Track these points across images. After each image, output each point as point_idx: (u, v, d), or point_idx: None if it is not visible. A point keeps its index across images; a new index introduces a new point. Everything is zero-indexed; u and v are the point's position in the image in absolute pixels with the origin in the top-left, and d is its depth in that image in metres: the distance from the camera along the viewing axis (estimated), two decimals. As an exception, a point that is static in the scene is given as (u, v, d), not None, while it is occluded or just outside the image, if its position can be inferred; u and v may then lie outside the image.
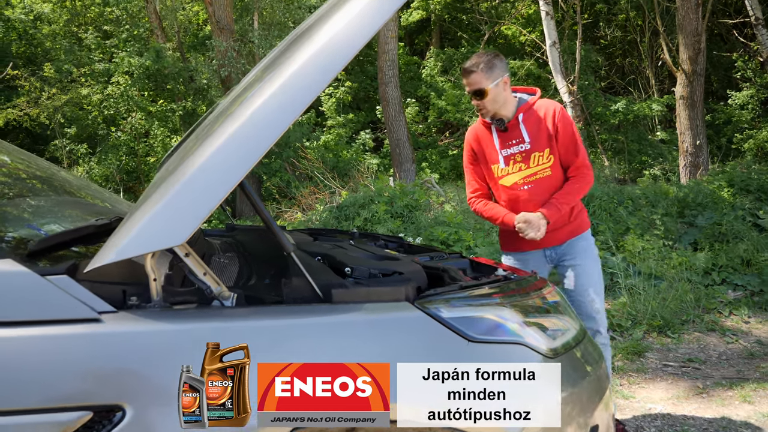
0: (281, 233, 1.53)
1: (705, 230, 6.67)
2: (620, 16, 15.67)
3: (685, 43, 10.06)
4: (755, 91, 13.81)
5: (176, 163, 1.61)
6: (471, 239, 6.43)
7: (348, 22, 1.45)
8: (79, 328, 1.34)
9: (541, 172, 2.78)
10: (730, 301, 5.24)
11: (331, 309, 1.48)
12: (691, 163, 10.19)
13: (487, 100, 2.73)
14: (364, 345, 1.43)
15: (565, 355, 1.63)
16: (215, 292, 1.49)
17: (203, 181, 1.36)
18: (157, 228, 1.34)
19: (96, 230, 1.88)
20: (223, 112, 1.64)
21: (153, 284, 1.45)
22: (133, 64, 12.38)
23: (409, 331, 1.48)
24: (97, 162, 12.83)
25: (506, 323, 1.57)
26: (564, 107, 2.82)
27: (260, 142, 1.37)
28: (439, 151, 14.37)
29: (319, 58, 1.42)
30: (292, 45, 1.68)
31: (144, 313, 1.40)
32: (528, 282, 1.85)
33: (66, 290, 1.36)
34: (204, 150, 1.39)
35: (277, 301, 1.58)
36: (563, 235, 2.85)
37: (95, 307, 1.36)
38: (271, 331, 1.42)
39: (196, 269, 1.47)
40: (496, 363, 1.47)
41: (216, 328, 1.39)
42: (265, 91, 1.40)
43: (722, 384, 3.80)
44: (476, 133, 2.92)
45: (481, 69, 2.71)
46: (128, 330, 1.37)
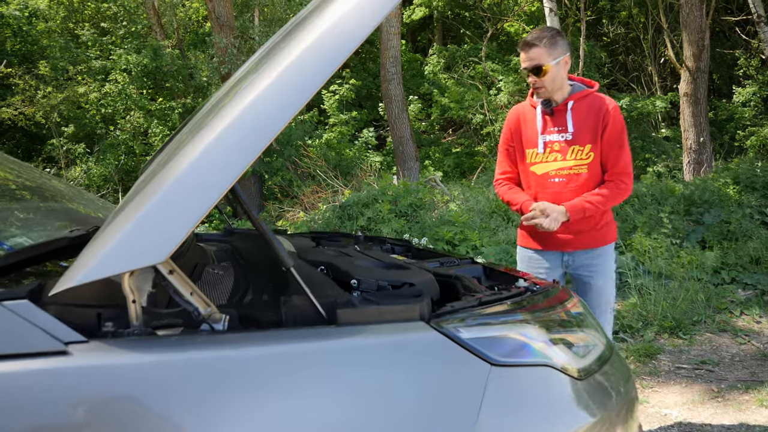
0: (280, 245, 1.34)
1: (713, 228, 6.59)
2: (623, 13, 15.57)
3: (689, 40, 9.98)
4: (758, 88, 13.72)
5: (158, 167, 1.41)
6: (477, 239, 6.34)
7: (354, 5, 1.27)
8: (40, 363, 1.12)
9: (576, 167, 2.63)
10: (741, 300, 5.17)
11: (336, 333, 1.29)
12: (695, 160, 10.12)
13: (546, 79, 2.58)
14: (374, 376, 1.25)
15: (594, 375, 1.50)
16: (204, 314, 1.28)
17: (188, 188, 1.16)
18: (135, 243, 1.14)
19: (70, 243, 1.72)
20: (211, 110, 1.45)
21: (132, 307, 1.24)
22: (131, 61, 12.26)
23: (425, 356, 1.30)
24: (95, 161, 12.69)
25: (531, 343, 1.41)
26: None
27: (254, 141, 1.19)
28: (443, 148, 14.26)
29: (320, 48, 1.24)
30: (288, 35, 1.50)
31: (119, 343, 1.18)
32: (552, 294, 1.70)
33: (26, 318, 1.14)
34: (189, 152, 1.20)
35: (275, 322, 1.39)
36: (586, 242, 2.69)
37: (61, 337, 1.15)
38: (267, 361, 1.21)
39: (182, 289, 1.27)
40: (522, 388, 1.34)
41: (203, 359, 1.18)
42: (260, 85, 1.23)
43: (737, 387, 3.72)
44: (521, 111, 2.79)
45: (544, 44, 2.56)
46: (99, 364, 1.14)
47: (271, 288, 1.70)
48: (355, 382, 1.23)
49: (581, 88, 2.68)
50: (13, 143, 14.01)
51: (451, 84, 14.45)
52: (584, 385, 1.44)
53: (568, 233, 2.68)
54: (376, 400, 1.22)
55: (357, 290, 1.56)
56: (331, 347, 1.26)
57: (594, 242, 2.69)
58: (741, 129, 13.60)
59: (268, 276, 1.81)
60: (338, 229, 7.32)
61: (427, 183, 8.77)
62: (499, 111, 13.21)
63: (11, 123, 13.08)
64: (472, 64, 15.01)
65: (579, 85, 2.69)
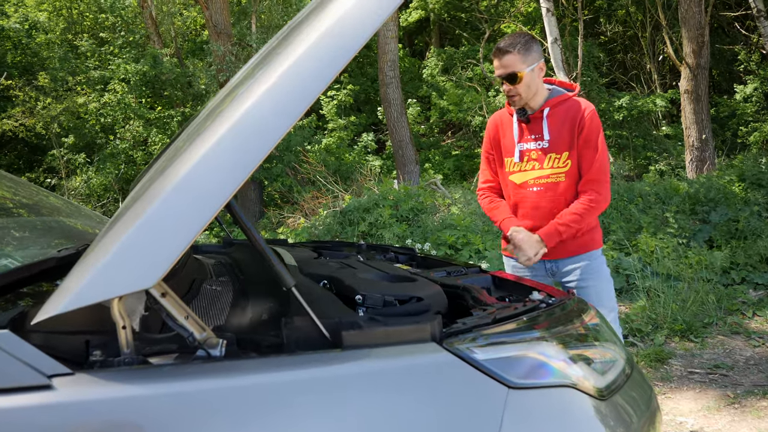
0: (280, 264, 1.26)
1: (720, 227, 6.51)
2: (620, 11, 15.52)
3: (688, 36, 9.92)
4: (759, 84, 13.66)
5: (148, 181, 1.30)
6: (480, 242, 6.27)
7: (354, 5, 1.19)
8: (21, 399, 1.02)
9: (554, 176, 2.56)
10: (753, 301, 5.08)
11: (341, 357, 1.19)
12: (697, 157, 10.05)
13: (521, 86, 2.49)
14: (383, 403, 1.15)
15: (616, 394, 1.41)
16: (199, 340, 1.19)
17: (180, 205, 1.07)
18: (123, 266, 1.04)
19: (58, 263, 1.62)
20: (206, 120, 1.36)
21: (122, 333, 1.14)
22: (130, 71, 12.22)
23: (437, 380, 1.20)
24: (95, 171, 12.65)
25: (550, 362, 1.32)
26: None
27: (251, 152, 1.10)
28: (442, 151, 14.21)
29: (320, 50, 1.15)
30: (286, 39, 1.41)
31: (107, 374, 1.08)
32: (568, 306, 1.61)
33: (6, 350, 1.04)
34: (181, 165, 1.11)
35: (276, 345, 1.29)
36: (569, 249, 2.62)
37: (44, 370, 1.05)
38: (267, 391, 1.12)
39: (176, 312, 1.18)
40: (542, 412, 1.24)
41: (198, 390, 1.09)
42: (257, 91, 1.14)
43: (754, 393, 3.63)
44: (499, 119, 2.72)
45: (518, 50, 2.47)
46: (85, 398, 1.04)
47: (271, 307, 1.61)
48: (362, 411, 1.14)
49: (559, 93, 2.60)
50: (15, 154, 13.99)
51: (450, 86, 14.39)
52: (607, 405, 1.35)
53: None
54: (386, 429, 1.13)
55: (362, 306, 1.48)
56: (337, 373, 1.16)
57: (578, 249, 2.63)
58: (743, 125, 13.53)
59: (269, 293, 1.71)
60: (339, 234, 7.25)
61: (428, 186, 8.70)
62: (498, 113, 13.15)
63: (12, 134, 13.06)
64: (470, 65, 14.95)
65: (557, 89, 2.61)
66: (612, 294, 2.67)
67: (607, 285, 2.66)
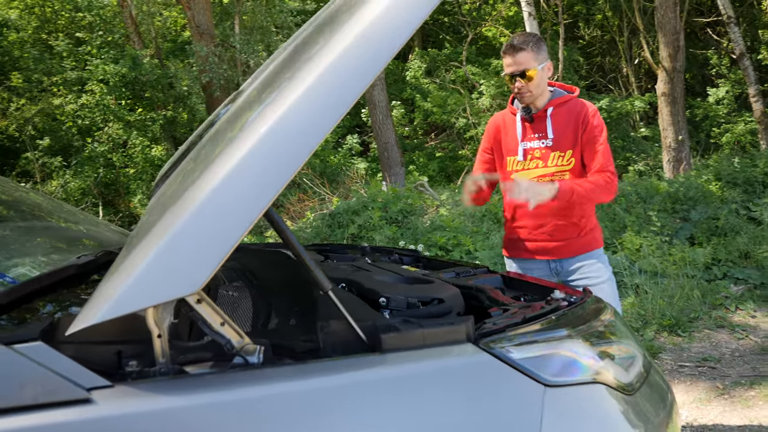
0: (317, 268, 1.24)
1: (700, 225, 6.70)
2: (597, 16, 15.80)
3: (664, 41, 10.16)
4: (730, 87, 14.03)
5: (181, 184, 1.26)
6: (470, 243, 6.36)
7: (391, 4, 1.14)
8: (60, 414, 0.97)
9: (558, 173, 2.59)
10: (735, 296, 5.25)
11: (382, 361, 1.17)
12: (674, 158, 10.30)
13: (532, 84, 2.53)
14: (426, 405, 1.14)
15: (641, 388, 1.45)
16: (237, 347, 1.16)
17: (222, 210, 1.02)
18: (164, 272, 0.99)
19: (78, 270, 1.58)
20: (235, 122, 1.32)
21: (158, 342, 1.10)
22: (109, 71, 12.08)
23: (477, 380, 1.20)
24: (72, 175, 12.46)
25: (580, 359, 1.33)
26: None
27: (292, 155, 1.06)
28: (427, 153, 14.31)
29: (359, 50, 1.11)
30: (314, 39, 1.36)
31: (148, 386, 1.05)
32: (588, 305, 1.61)
33: (41, 363, 1.00)
34: (219, 168, 1.07)
35: (311, 350, 1.27)
36: (572, 249, 2.66)
37: (83, 383, 1.00)
38: (314, 396, 1.09)
39: (212, 319, 1.14)
40: (578, 410, 1.27)
41: (246, 399, 1.06)
42: (294, 92, 1.10)
43: (741, 383, 3.77)
44: (502, 119, 2.76)
45: (531, 48, 2.50)
46: (128, 412, 1.00)
47: (297, 311, 1.58)
48: (406, 414, 1.12)
49: (561, 94, 2.66)
50: (-15, 157, 13.71)
51: (433, 88, 14.51)
52: (634, 399, 1.39)
53: (554, 241, 2.66)
54: (433, 431, 1.13)
55: (386, 309, 1.49)
56: (379, 377, 1.15)
57: (581, 249, 2.66)
58: (716, 126, 13.88)
59: (292, 297, 1.70)
60: (328, 237, 7.27)
61: (416, 188, 8.77)
62: (481, 114, 13.30)
63: (-17, 137, 12.81)
64: (453, 68, 15.08)
65: (559, 91, 2.67)
66: (615, 292, 2.71)
67: (610, 283, 2.69)
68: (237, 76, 11.19)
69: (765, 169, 8.11)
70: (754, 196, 7.60)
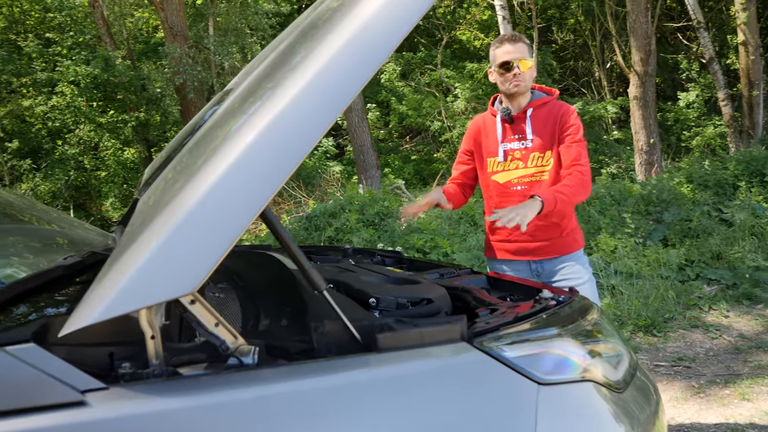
0: (312, 268, 1.23)
1: (673, 226, 6.80)
2: (570, 20, 16.00)
3: (636, 45, 10.33)
4: (700, 91, 14.31)
5: (173, 185, 1.23)
6: (448, 246, 6.37)
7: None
8: (53, 418, 0.95)
9: (538, 174, 2.61)
10: (708, 296, 5.33)
11: (380, 360, 1.17)
12: (646, 161, 10.46)
13: (527, 74, 2.60)
14: (423, 404, 1.14)
15: (630, 385, 1.46)
16: (232, 348, 1.15)
17: (219, 208, 1.01)
18: (159, 272, 0.97)
19: (65, 272, 1.56)
20: (231, 117, 1.29)
21: (151, 344, 1.08)
22: (80, 72, 11.86)
23: (472, 379, 1.20)
24: (42, 178, 12.21)
25: (571, 357, 1.34)
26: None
27: (290, 153, 1.04)
28: (402, 156, 14.32)
29: (354, 49, 1.10)
30: (307, 38, 1.33)
31: (143, 388, 1.03)
32: (576, 304, 1.62)
33: (34, 365, 0.97)
34: (216, 166, 1.05)
35: (305, 350, 1.26)
36: (554, 249, 2.67)
37: (77, 385, 0.98)
38: (313, 397, 1.08)
39: (206, 320, 1.12)
40: (571, 408, 1.27)
41: (241, 400, 1.04)
42: (293, 88, 1.08)
43: (716, 382, 3.82)
44: (482, 120, 2.78)
45: (524, 41, 2.62)
46: (125, 414, 0.98)
47: (288, 312, 1.57)
48: (404, 413, 1.12)
49: (541, 95, 2.69)
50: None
51: (408, 91, 14.53)
52: (624, 397, 1.41)
53: (535, 241, 2.67)
54: (427, 430, 1.12)
55: (376, 309, 1.48)
56: (377, 376, 1.15)
57: (562, 250, 2.68)
58: (686, 130, 14.14)
59: (281, 298, 1.68)
60: (305, 240, 7.23)
61: (393, 191, 8.77)
62: (456, 118, 13.35)
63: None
64: (428, 71, 15.13)
65: (538, 93, 2.71)
66: (596, 293, 2.72)
67: (590, 284, 2.70)
68: (211, 78, 11.08)
69: (735, 171, 8.27)
70: (725, 198, 7.76)
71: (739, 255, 6.01)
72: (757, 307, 5.12)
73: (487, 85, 14.40)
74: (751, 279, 5.56)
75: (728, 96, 12.46)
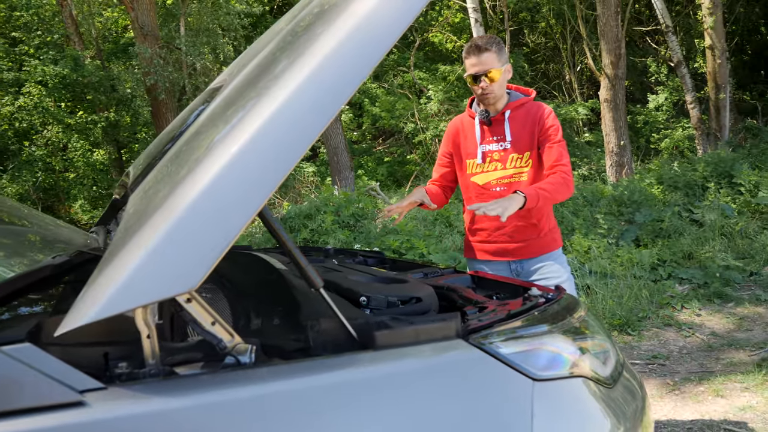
0: (309, 267, 1.23)
1: (645, 227, 6.91)
2: (541, 23, 16.18)
3: (607, 48, 10.48)
4: (669, 94, 14.58)
5: (167, 182, 1.22)
6: (424, 247, 6.37)
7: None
8: (53, 419, 0.93)
9: (517, 175, 2.63)
10: (681, 295, 5.42)
11: (377, 357, 1.17)
12: (616, 162, 10.63)
13: (495, 85, 2.55)
14: (422, 400, 1.14)
15: (619, 380, 1.49)
16: (229, 346, 1.14)
17: (217, 205, 0.99)
18: (158, 270, 0.96)
19: (54, 271, 1.54)
20: (228, 110, 1.27)
21: (147, 343, 1.07)
22: (48, 72, 11.61)
23: (469, 376, 1.21)
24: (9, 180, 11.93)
25: (562, 354, 1.36)
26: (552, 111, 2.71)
27: (291, 146, 1.03)
28: (375, 158, 14.32)
29: (351, 45, 1.09)
30: (276, 54, 1.34)
31: (144, 387, 1.01)
32: (564, 302, 1.65)
33: (30, 364, 0.96)
34: (216, 158, 1.04)
35: (300, 349, 1.26)
36: (532, 250, 2.69)
37: (75, 385, 0.97)
38: (314, 395, 1.08)
39: (202, 318, 1.12)
40: (565, 403, 1.29)
41: (241, 399, 1.03)
42: (289, 85, 1.07)
43: (691, 379, 3.88)
44: (460, 122, 2.77)
45: (494, 49, 2.52)
46: (126, 414, 0.97)
47: (280, 311, 1.57)
48: (403, 410, 1.12)
49: (518, 97, 2.69)
50: None
51: (381, 93, 14.54)
52: (614, 392, 1.43)
53: (514, 242, 2.69)
54: (424, 427, 1.12)
55: (367, 308, 1.48)
56: (373, 374, 1.15)
57: (541, 249, 2.70)
58: (655, 132, 14.39)
59: (270, 298, 1.68)
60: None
61: (368, 192, 8.76)
62: (430, 119, 13.39)
63: None
64: (401, 73, 15.16)
65: (515, 94, 2.70)
66: (574, 291, 2.75)
67: (569, 283, 2.72)
68: (183, 79, 10.94)
69: (704, 173, 8.44)
70: (695, 199, 7.91)
71: (709, 255, 6.12)
72: (728, 306, 5.22)
73: (459, 87, 14.48)
74: (721, 278, 5.67)
75: (696, 99, 12.72)
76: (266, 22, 15.81)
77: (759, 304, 5.19)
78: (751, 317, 4.93)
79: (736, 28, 16.22)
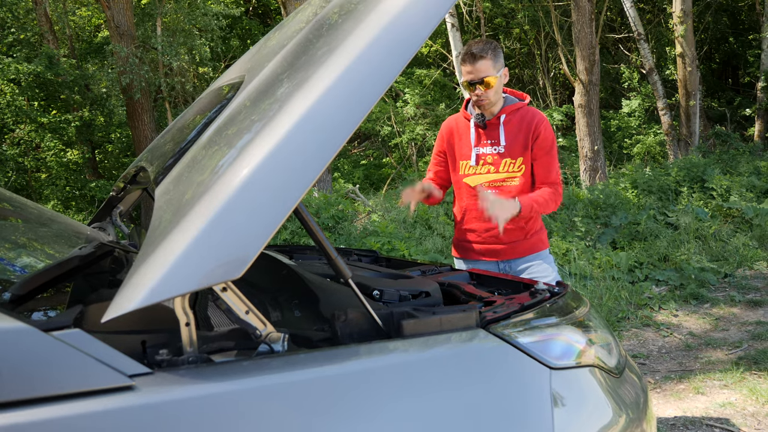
0: (339, 258, 1.28)
1: (622, 230, 7.05)
2: (515, 30, 16.37)
3: (581, 55, 10.66)
4: (641, 100, 14.87)
5: (210, 169, 1.23)
6: (404, 248, 6.40)
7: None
8: (104, 402, 0.94)
9: (509, 180, 2.67)
10: (658, 296, 5.54)
11: (406, 345, 1.22)
12: (590, 167, 10.81)
13: (491, 91, 2.57)
14: (447, 387, 1.18)
15: (625, 370, 1.55)
16: (263, 335, 1.18)
17: (262, 195, 1.03)
18: (202, 259, 0.98)
19: (80, 262, 1.58)
20: (259, 105, 1.29)
21: (185, 331, 1.09)
22: (21, 70, 11.36)
23: (490, 363, 1.26)
24: (-22, 179, 11.66)
25: (575, 344, 1.43)
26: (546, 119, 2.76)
27: (332, 136, 1.08)
28: (352, 160, 14.32)
29: (386, 41, 1.15)
30: (329, 33, 1.35)
31: (188, 372, 1.04)
32: (569, 296, 1.72)
33: (81, 349, 0.96)
34: (257, 149, 1.07)
35: (326, 339, 1.30)
36: (519, 251, 2.75)
37: (124, 370, 0.98)
38: (348, 381, 1.11)
39: (237, 307, 1.15)
40: (580, 391, 1.34)
41: (281, 384, 1.06)
42: (325, 81, 1.12)
43: (671, 378, 3.97)
44: (455, 122, 2.80)
45: (490, 55, 2.54)
46: (174, 398, 0.99)
47: (298, 304, 1.61)
48: (429, 397, 1.16)
49: (513, 101, 2.72)
50: None
51: (359, 96, 14.52)
52: (623, 381, 1.49)
53: (502, 243, 2.74)
54: (450, 413, 1.16)
55: (380, 301, 1.52)
56: (406, 361, 1.19)
57: (529, 250, 2.76)
58: (628, 138, 14.66)
59: (288, 291, 1.72)
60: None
61: (348, 195, 8.76)
62: (406, 123, 13.45)
63: None
64: (378, 76, 15.17)
65: (511, 98, 2.74)
66: None
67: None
68: (158, 79, 10.82)
69: (677, 177, 8.63)
70: (669, 203, 8.09)
71: (685, 257, 6.27)
72: (704, 306, 5.36)
73: (435, 91, 14.57)
74: (697, 279, 5.82)
75: (667, 105, 13.01)
76: (242, 24, 15.70)
77: (734, 304, 5.33)
78: (726, 317, 5.07)
79: (705, 37, 16.64)
